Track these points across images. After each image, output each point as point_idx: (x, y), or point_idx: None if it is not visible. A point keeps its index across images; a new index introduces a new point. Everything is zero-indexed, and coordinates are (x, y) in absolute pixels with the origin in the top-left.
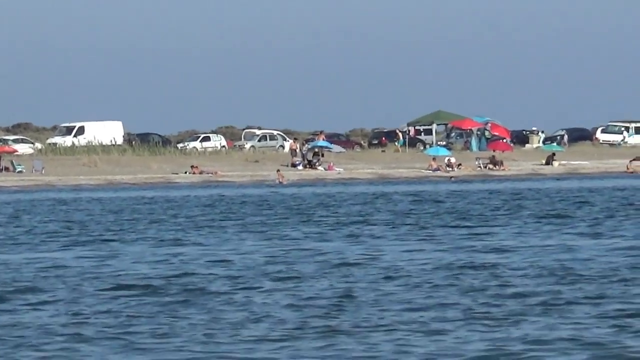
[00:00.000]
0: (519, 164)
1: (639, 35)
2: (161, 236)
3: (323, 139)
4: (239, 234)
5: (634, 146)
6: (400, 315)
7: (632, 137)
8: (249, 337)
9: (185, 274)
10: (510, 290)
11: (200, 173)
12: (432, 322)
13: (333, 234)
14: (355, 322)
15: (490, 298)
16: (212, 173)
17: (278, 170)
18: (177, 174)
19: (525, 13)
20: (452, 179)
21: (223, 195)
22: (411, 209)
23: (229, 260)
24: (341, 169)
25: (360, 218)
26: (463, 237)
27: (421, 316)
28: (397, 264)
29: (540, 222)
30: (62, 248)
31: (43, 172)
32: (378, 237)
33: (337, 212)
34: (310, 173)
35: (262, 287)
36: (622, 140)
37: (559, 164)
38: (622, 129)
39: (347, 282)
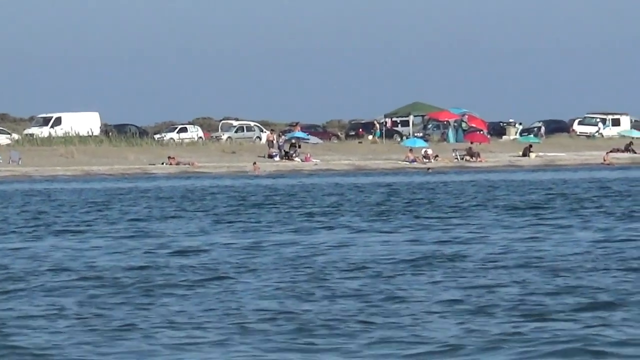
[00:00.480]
0: (495, 155)
1: (617, 27)
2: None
3: (299, 130)
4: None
5: (610, 138)
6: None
7: (608, 129)
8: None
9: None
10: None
11: (177, 164)
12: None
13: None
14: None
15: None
16: (189, 164)
17: (254, 163)
18: (154, 164)
19: (502, 5)
20: (429, 170)
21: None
22: (383, 200)
23: (193, 251)
24: (318, 161)
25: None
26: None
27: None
28: (354, 255)
29: (510, 213)
30: (31, 239)
31: (20, 162)
32: (341, 227)
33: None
34: (287, 164)
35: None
36: (597, 132)
37: (536, 156)
38: (598, 120)
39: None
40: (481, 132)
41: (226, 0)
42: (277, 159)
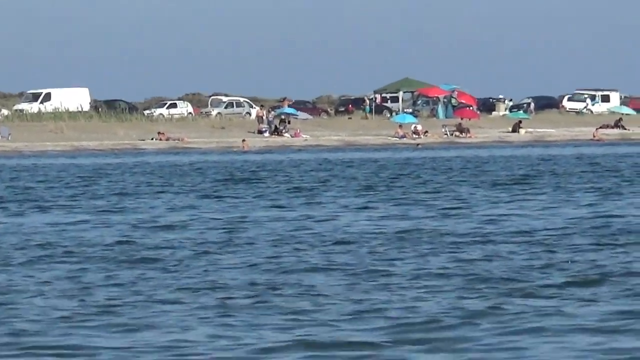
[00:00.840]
0: (485, 131)
1: (607, 3)
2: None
3: (287, 106)
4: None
5: (600, 114)
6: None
7: (597, 105)
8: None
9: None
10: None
11: (167, 140)
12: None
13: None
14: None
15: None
16: (178, 139)
17: (244, 140)
18: (143, 140)
19: None
20: (419, 146)
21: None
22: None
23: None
24: (308, 136)
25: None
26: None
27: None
28: (339, 229)
29: (493, 189)
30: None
31: (10, 138)
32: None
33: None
34: (277, 140)
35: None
36: (584, 108)
37: (526, 132)
38: (587, 97)
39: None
40: (471, 108)
41: None
42: (266, 134)
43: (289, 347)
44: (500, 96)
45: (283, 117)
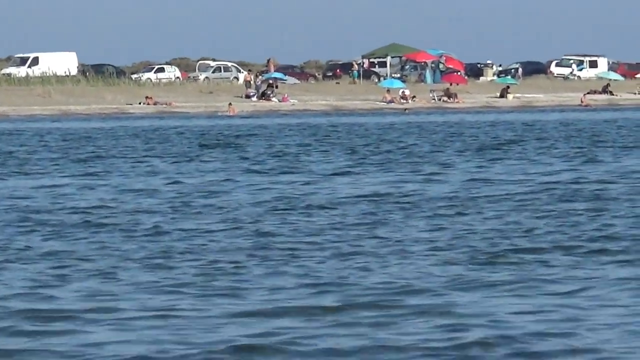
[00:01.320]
0: (473, 96)
1: None
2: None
3: (273, 67)
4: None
5: (588, 80)
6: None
7: (585, 70)
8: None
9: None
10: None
11: (155, 104)
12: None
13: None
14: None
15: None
16: (166, 104)
17: (230, 104)
18: (131, 104)
19: None
20: (406, 111)
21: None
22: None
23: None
24: (295, 101)
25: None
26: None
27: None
28: (320, 195)
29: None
30: None
31: None
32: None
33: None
34: (265, 104)
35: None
36: (570, 74)
37: (514, 97)
38: (573, 62)
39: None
40: (458, 73)
41: None
42: (254, 99)
43: (275, 313)
44: (488, 61)
45: (271, 81)
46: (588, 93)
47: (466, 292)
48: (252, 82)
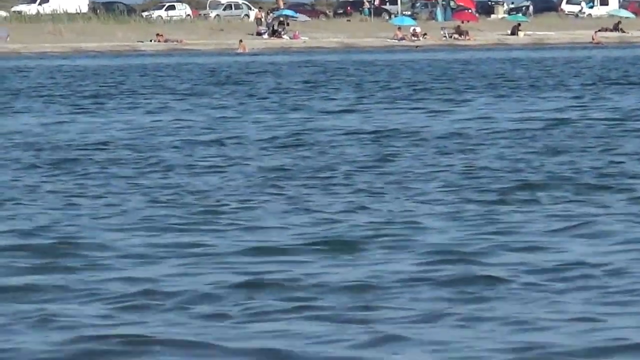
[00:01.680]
0: (484, 34)
1: None
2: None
3: (283, 4)
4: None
5: (599, 17)
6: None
7: (596, 8)
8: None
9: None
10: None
11: (166, 41)
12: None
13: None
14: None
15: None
16: (177, 41)
17: (241, 41)
18: (142, 42)
19: None
20: (417, 48)
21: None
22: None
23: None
24: (306, 38)
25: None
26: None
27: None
28: (317, 131)
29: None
30: None
31: (8, 39)
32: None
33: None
34: (276, 42)
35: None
36: (579, 12)
37: (525, 34)
38: (583, 0)
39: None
40: (469, 11)
41: None
42: (265, 36)
43: (284, 250)
44: None
45: (282, 19)
46: (599, 30)
47: (474, 228)
48: (263, 20)
